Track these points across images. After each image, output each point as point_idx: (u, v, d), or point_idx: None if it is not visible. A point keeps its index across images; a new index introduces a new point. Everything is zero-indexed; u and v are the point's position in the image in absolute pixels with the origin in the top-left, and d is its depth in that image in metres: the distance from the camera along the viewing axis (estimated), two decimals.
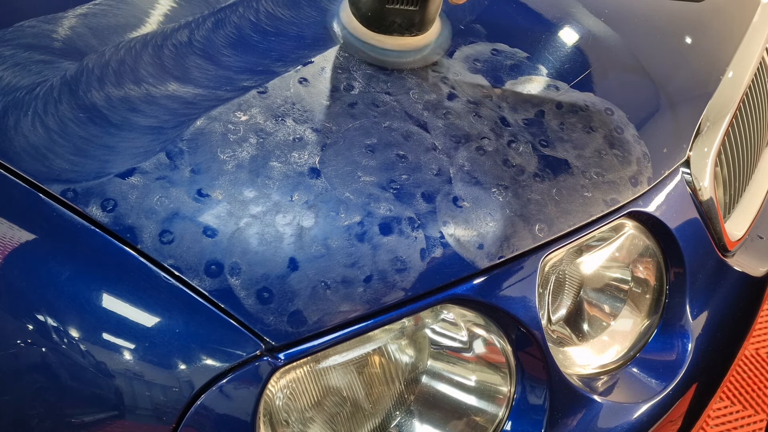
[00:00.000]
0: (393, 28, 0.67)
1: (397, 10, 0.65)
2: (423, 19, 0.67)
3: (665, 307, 0.76)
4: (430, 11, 0.67)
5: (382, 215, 0.58)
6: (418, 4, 0.65)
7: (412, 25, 0.67)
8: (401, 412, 0.63)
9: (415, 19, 0.67)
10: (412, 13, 0.66)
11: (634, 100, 0.77)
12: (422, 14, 0.67)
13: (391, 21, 0.67)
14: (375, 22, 0.67)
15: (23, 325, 0.53)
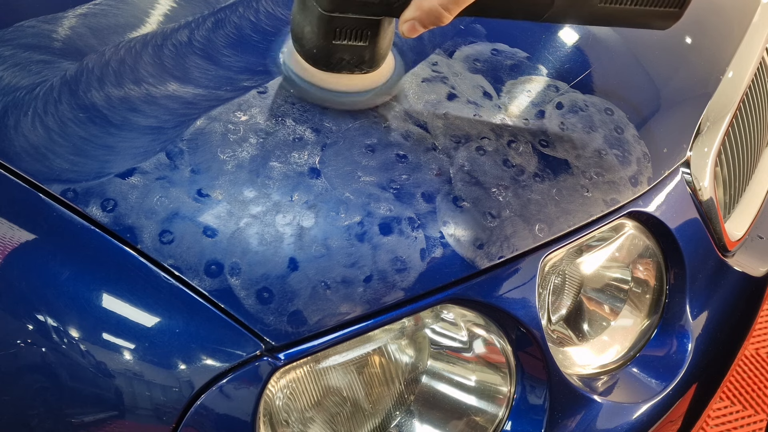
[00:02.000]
0: (341, 65, 0.61)
1: (345, 46, 0.59)
2: (374, 55, 0.61)
3: (665, 307, 0.76)
4: (381, 46, 0.61)
5: (382, 215, 0.58)
6: (368, 40, 0.59)
7: (363, 61, 0.61)
8: (401, 412, 0.63)
9: (365, 55, 0.60)
10: (362, 49, 0.60)
11: (634, 100, 0.77)
12: (373, 50, 0.60)
13: (339, 58, 0.60)
14: (321, 59, 0.61)
15: (23, 325, 0.53)
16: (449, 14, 0.53)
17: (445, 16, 0.53)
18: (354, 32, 0.58)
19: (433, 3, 0.52)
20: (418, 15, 0.53)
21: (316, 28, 0.58)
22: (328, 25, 0.57)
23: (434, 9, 0.52)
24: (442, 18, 0.53)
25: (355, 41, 0.59)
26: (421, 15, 0.53)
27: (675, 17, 0.60)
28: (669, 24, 0.60)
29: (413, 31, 0.55)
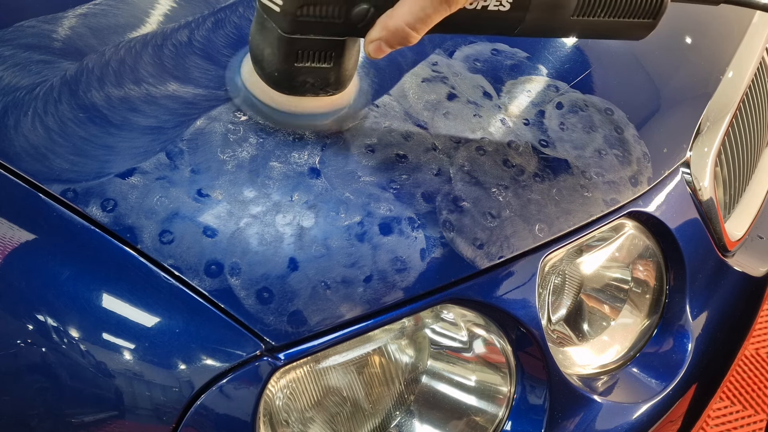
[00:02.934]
0: (305, 88, 0.58)
1: (308, 68, 0.56)
2: (339, 76, 0.58)
3: (665, 307, 0.76)
4: (347, 68, 0.58)
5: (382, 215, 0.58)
6: (333, 61, 0.56)
7: (328, 84, 0.58)
8: (401, 412, 0.63)
9: (330, 77, 0.57)
10: (326, 71, 0.56)
11: (634, 100, 0.77)
12: (338, 72, 0.57)
13: (302, 81, 0.57)
14: (283, 82, 0.57)
15: (23, 325, 0.53)
16: (417, 34, 0.50)
17: (413, 36, 0.50)
18: (317, 54, 0.55)
19: (399, 23, 0.50)
20: (384, 35, 0.51)
21: (277, 50, 0.55)
22: (289, 48, 0.54)
23: (401, 29, 0.50)
24: (409, 38, 0.50)
25: (318, 63, 0.56)
26: (387, 35, 0.50)
27: (650, 27, 0.58)
28: (644, 35, 0.59)
29: (379, 52, 0.52)
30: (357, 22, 0.52)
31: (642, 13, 0.56)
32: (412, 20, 0.49)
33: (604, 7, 0.55)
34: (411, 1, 0.49)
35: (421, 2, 0.48)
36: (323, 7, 0.51)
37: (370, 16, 0.51)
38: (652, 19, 0.57)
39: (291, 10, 0.51)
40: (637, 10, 0.56)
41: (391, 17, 0.50)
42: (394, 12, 0.50)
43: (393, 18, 0.50)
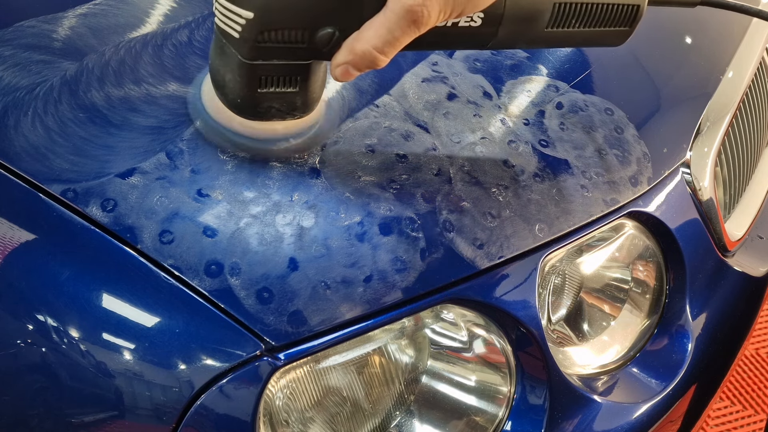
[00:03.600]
0: (270, 113, 0.55)
1: (272, 93, 0.53)
2: (306, 100, 0.55)
3: (665, 307, 0.76)
4: (313, 90, 0.55)
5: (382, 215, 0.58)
6: (298, 85, 0.53)
7: (294, 108, 0.55)
8: (401, 412, 0.63)
9: (296, 101, 0.55)
10: (292, 95, 0.54)
11: (634, 100, 0.77)
12: (305, 95, 0.55)
13: (266, 107, 0.54)
14: (246, 109, 0.55)
15: (23, 325, 0.53)
16: (385, 57, 0.48)
17: (381, 59, 0.48)
18: (281, 79, 0.52)
19: (366, 47, 0.47)
20: (351, 59, 0.48)
21: (238, 76, 0.52)
22: (251, 74, 0.51)
23: (368, 53, 0.47)
24: (377, 62, 0.48)
25: (283, 88, 0.53)
26: (354, 59, 0.48)
27: (626, 35, 0.57)
28: (621, 42, 0.58)
29: (347, 76, 0.50)
30: (322, 46, 0.49)
31: (617, 21, 0.55)
32: (380, 44, 0.47)
33: (579, 18, 0.54)
34: (378, 24, 0.47)
35: (389, 25, 0.46)
36: (286, 32, 0.48)
37: (335, 40, 0.49)
38: (628, 27, 0.56)
39: (251, 37, 0.48)
40: (612, 19, 0.55)
41: (358, 40, 0.48)
42: (361, 35, 0.48)
43: (360, 41, 0.47)
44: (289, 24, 0.48)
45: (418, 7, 0.45)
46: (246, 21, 0.47)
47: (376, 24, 0.47)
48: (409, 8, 0.45)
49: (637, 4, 0.55)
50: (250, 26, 0.48)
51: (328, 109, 0.63)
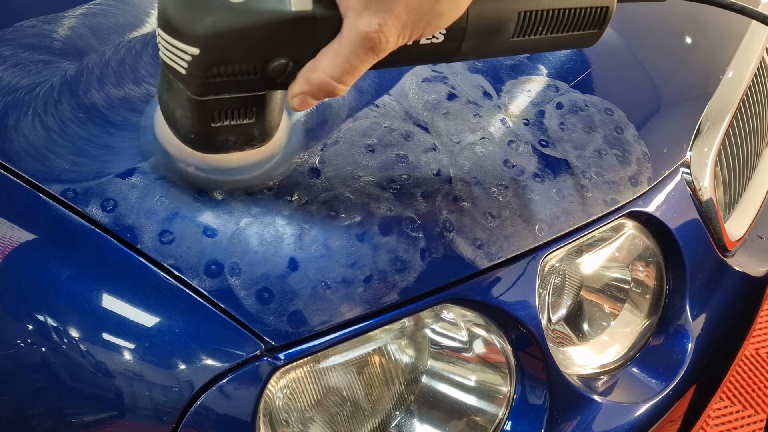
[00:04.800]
0: (227, 146, 0.52)
1: (227, 127, 0.49)
2: (264, 129, 0.52)
3: (665, 307, 0.76)
4: (271, 119, 0.52)
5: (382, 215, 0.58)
6: (254, 116, 0.50)
7: (252, 138, 0.52)
8: (401, 412, 0.63)
9: (253, 132, 0.51)
10: (248, 126, 0.50)
11: (634, 100, 0.77)
12: (262, 125, 0.51)
13: (222, 140, 0.51)
14: (201, 144, 0.52)
15: (23, 325, 0.53)
16: (344, 86, 0.45)
17: (340, 88, 0.45)
18: (235, 112, 0.49)
19: (323, 77, 0.44)
20: (308, 89, 0.45)
21: (189, 112, 0.49)
22: (202, 110, 0.48)
23: (325, 83, 0.44)
24: (336, 91, 0.45)
25: (238, 120, 0.49)
26: (311, 89, 0.45)
27: (596, 37, 0.55)
28: (591, 43, 0.56)
29: (305, 105, 0.47)
30: (276, 77, 0.46)
31: (586, 25, 0.53)
32: (337, 73, 0.44)
33: (546, 25, 0.51)
34: (334, 53, 0.44)
35: (345, 53, 0.43)
36: (236, 66, 0.45)
37: (289, 70, 0.46)
38: (597, 29, 0.54)
39: (199, 73, 0.45)
40: (581, 23, 0.52)
41: (314, 70, 0.45)
42: (317, 65, 0.45)
43: (316, 71, 0.45)
44: (238, 58, 0.45)
45: (375, 34, 0.42)
46: (192, 57, 0.44)
47: (332, 52, 0.44)
48: (365, 35, 0.42)
49: (606, 5, 0.52)
50: (196, 62, 0.44)
51: (291, 133, 0.60)
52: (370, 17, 0.41)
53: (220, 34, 0.43)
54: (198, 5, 0.43)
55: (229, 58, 0.44)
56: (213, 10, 0.43)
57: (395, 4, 0.41)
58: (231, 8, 0.43)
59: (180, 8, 0.43)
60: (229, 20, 0.43)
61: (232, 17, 0.43)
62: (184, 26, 0.43)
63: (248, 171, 0.56)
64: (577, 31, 0.53)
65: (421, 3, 0.41)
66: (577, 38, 0.54)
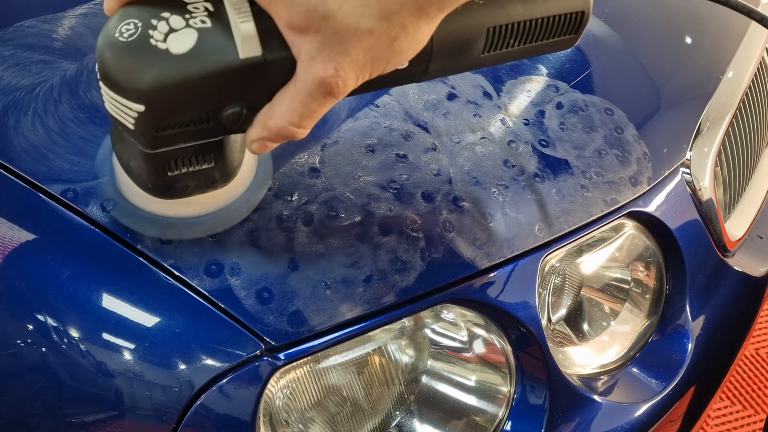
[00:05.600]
0: (188, 191, 0.50)
1: (186, 174, 0.47)
2: (226, 171, 0.50)
3: (665, 307, 0.76)
4: (233, 160, 0.50)
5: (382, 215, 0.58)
6: (214, 160, 0.47)
7: (214, 181, 0.50)
8: (401, 412, 0.63)
9: (214, 175, 0.49)
10: (209, 170, 0.48)
11: (634, 100, 0.77)
12: (223, 167, 0.49)
13: (182, 186, 0.48)
14: (160, 191, 0.49)
15: (23, 325, 0.53)
16: (303, 130, 0.43)
17: (299, 132, 0.43)
18: (193, 159, 0.46)
19: (280, 122, 0.42)
20: (266, 135, 0.43)
21: (143, 164, 0.46)
22: (157, 161, 0.45)
23: (284, 128, 0.42)
24: (295, 135, 0.43)
25: (197, 166, 0.47)
26: (270, 135, 0.43)
27: (573, 41, 0.53)
28: (568, 47, 0.53)
29: (265, 149, 0.45)
30: (230, 124, 0.44)
31: (562, 31, 0.50)
32: (295, 119, 0.42)
33: (517, 36, 0.48)
34: (290, 98, 0.41)
35: (302, 99, 0.41)
36: (185, 118, 0.42)
37: (244, 117, 0.43)
38: (574, 34, 0.52)
39: (148, 129, 0.42)
40: (555, 30, 0.50)
41: (271, 116, 0.42)
42: (273, 110, 0.42)
43: (273, 117, 0.42)
44: (187, 110, 0.42)
45: (331, 79, 0.39)
46: (138, 113, 0.41)
47: (288, 98, 0.41)
48: (321, 81, 0.39)
49: (582, 9, 0.50)
50: (143, 119, 0.41)
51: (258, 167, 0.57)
52: (325, 62, 0.39)
53: (164, 88, 0.40)
54: (138, 58, 0.39)
55: (178, 112, 0.42)
56: (155, 64, 0.39)
57: (351, 47, 0.38)
58: (174, 60, 0.39)
59: (119, 63, 0.40)
60: (173, 73, 0.39)
61: (175, 70, 0.39)
62: (126, 82, 0.40)
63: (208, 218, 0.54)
64: (552, 39, 0.51)
65: (377, 43, 0.39)
66: (554, 44, 0.52)
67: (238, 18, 0.40)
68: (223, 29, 0.40)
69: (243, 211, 0.54)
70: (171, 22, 0.40)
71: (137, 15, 0.40)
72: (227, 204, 0.54)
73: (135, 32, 0.40)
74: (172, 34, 0.40)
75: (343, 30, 0.37)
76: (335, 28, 0.37)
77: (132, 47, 0.39)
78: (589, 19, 0.50)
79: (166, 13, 0.40)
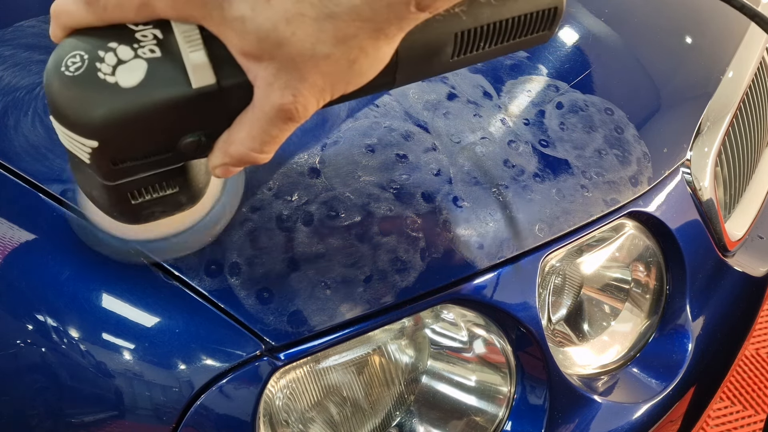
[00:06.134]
0: (155, 216, 0.48)
1: (150, 201, 0.46)
2: (192, 193, 0.48)
3: (665, 307, 0.76)
4: (199, 182, 0.48)
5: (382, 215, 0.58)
6: (178, 185, 0.46)
7: (180, 205, 0.49)
8: (401, 412, 0.63)
9: (181, 200, 0.48)
10: (174, 195, 0.47)
11: (635, 100, 0.77)
12: (189, 191, 0.48)
13: (148, 213, 0.47)
14: (126, 218, 0.48)
15: (23, 325, 0.53)
16: (266, 155, 0.42)
17: (262, 158, 0.42)
18: (155, 186, 0.45)
19: (241, 149, 0.41)
20: (228, 161, 0.42)
21: (105, 194, 0.45)
22: (118, 192, 0.44)
23: (245, 155, 0.41)
24: (258, 160, 0.42)
25: (160, 193, 0.46)
26: (231, 161, 0.42)
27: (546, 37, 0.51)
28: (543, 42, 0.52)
29: (228, 173, 0.44)
30: (190, 153, 0.42)
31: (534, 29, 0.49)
32: (257, 145, 0.40)
33: (487, 38, 0.47)
34: (249, 125, 0.40)
35: (261, 125, 0.40)
36: (142, 150, 0.41)
37: (204, 144, 0.42)
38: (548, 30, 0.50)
39: (104, 163, 0.40)
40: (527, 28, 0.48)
41: (231, 143, 0.41)
42: (233, 137, 0.41)
43: (233, 144, 0.41)
44: (142, 144, 0.40)
45: (290, 105, 0.38)
46: (92, 149, 0.39)
47: (248, 124, 0.40)
48: (279, 107, 0.38)
49: (554, 5, 0.48)
50: (98, 154, 0.40)
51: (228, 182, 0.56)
52: (283, 89, 0.38)
53: (116, 123, 0.38)
54: (87, 94, 0.38)
55: (133, 145, 0.40)
56: (104, 99, 0.38)
57: (308, 73, 0.37)
58: (124, 94, 0.38)
59: (68, 98, 0.38)
60: (123, 107, 0.38)
61: (126, 104, 0.38)
62: (76, 118, 0.38)
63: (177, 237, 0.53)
64: (524, 37, 0.49)
65: (336, 67, 0.37)
66: (528, 42, 0.50)
67: (188, 48, 0.38)
68: (173, 58, 0.39)
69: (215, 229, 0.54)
70: (119, 53, 0.38)
71: (83, 46, 0.38)
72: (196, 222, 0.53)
73: (82, 65, 0.38)
74: (120, 66, 0.38)
75: (299, 57, 0.36)
76: (290, 55, 0.36)
77: (80, 82, 0.38)
78: (562, 14, 0.49)
79: (113, 43, 0.38)
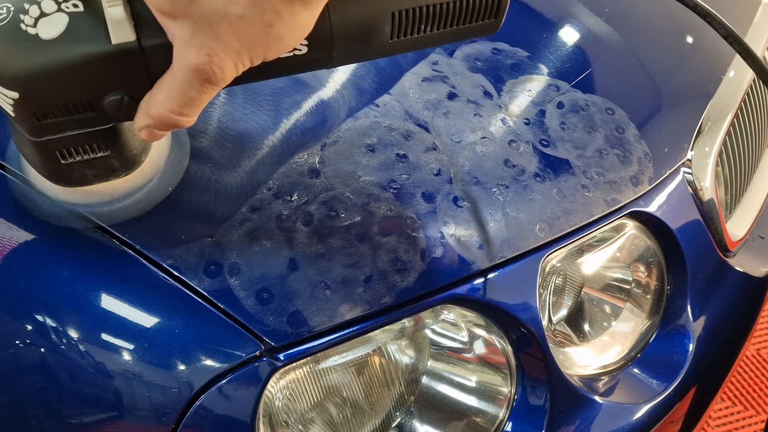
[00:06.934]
0: (88, 180, 0.48)
1: (80, 162, 0.46)
2: (126, 159, 0.48)
3: (666, 308, 0.76)
4: (131, 147, 0.48)
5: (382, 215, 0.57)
6: (108, 148, 0.46)
7: (114, 169, 0.48)
8: (401, 412, 0.63)
9: (113, 164, 0.48)
10: (105, 158, 0.46)
11: (635, 100, 0.77)
12: (120, 155, 0.47)
13: (80, 175, 0.47)
14: (59, 179, 0.48)
15: (23, 325, 0.53)
16: (188, 117, 0.41)
17: (183, 120, 0.41)
18: (83, 147, 0.45)
19: (161, 111, 0.41)
20: (151, 123, 0.42)
21: (35, 152, 0.45)
22: (46, 150, 0.45)
23: (166, 116, 0.41)
24: (179, 123, 0.42)
25: (90, 155, 0.46)
26: (154, 123, 0.42)
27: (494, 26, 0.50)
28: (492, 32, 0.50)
29: (154, 137, 0.44)
30: (113, 112, 0.42)
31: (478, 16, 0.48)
32: (176, 107, 0.40)
33: (428, 22, 0.46)
34: (169, 86, 0.40)
35: (180, 86, 0.39)
36: (64, 106, 0.41)
37: (126, 105, 0.42)
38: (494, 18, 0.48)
39: (27, 117, 0.41)
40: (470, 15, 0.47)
41: (152, 104, 0.41)
42: (153, 98, 0.41)
43: (154, 105, 0.41)
44: (63, 98, 0.40)
45: (205, 66, 0.38)
46: (14, 100, 0.40)
47: (167, 85, 0.40)
48: (195, 68, 0.38)
49: None
50: (20, 106, 0.40)
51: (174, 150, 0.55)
52: (198, 49, 0.37)
53: (35, 75, 0.38)
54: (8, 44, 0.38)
55: (53, 100, 0.40)
56: (24, 50, 0.38)
57: (222, 33, 0.37)
58: (43, 46, 0.38)
59: None
60: (42, 60, 0.38)
61: (45, 56, 0.38)
62: None
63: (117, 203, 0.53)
64: (468, 24, 0.48)
65: (251, 29, 0.37)
66: (473, 30, 0.49)
67: (108, 3, 0.38)
68: (96, 14, 0.39)
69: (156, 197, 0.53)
70: (42, 5, 0.38)
71: None
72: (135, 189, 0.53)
73: (6, 17, 0.38)
74: (42, 18, 0.38)
75: (212, 16, 0.36)
76: (202, 14, 0.36)
77: (2, 32, 0.38)
78: (508, 3, 0.48)
79: None
